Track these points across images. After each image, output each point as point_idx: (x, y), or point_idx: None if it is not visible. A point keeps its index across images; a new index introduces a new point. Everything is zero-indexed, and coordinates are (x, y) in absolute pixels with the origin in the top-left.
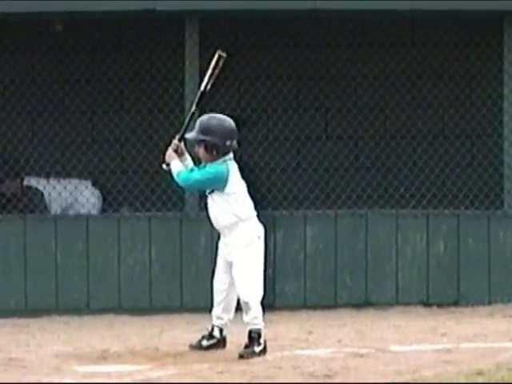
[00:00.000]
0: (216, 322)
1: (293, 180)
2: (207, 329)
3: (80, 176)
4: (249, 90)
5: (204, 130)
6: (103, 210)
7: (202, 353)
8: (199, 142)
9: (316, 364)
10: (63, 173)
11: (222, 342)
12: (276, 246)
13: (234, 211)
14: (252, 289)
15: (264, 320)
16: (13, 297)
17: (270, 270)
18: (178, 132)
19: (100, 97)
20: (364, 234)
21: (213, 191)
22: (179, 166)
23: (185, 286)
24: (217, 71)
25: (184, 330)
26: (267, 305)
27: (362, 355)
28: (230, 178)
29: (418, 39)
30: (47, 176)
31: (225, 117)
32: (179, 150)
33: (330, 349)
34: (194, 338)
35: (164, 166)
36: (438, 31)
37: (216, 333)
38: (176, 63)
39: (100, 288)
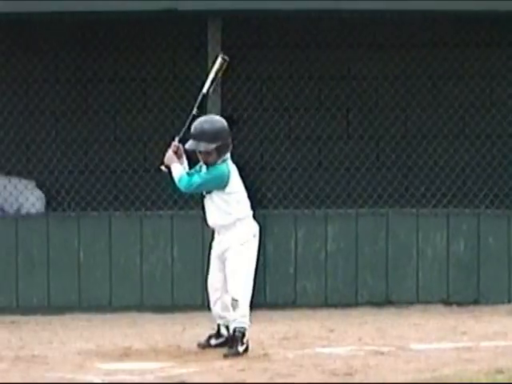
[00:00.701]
0: (220, 321)
1: (314, 179)
2: (213, 328)
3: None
4: (271, 90)
5: (214, 137)
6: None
7: (224, 350)
8: (213, 150)
9: (337, 362)
10: (86, 171)
11: (229, 340)
12: (297, 245)
13: (232, 211)
14: (243, 287)
15: (251, 320)
16: (36, 294)
17: (291, 269)
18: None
19: (123, 96)
20: (385, 232)
21: (211, 191)
22: (180, 171)
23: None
24: (219, 75)
25: (206, 328)
26: (289, 303)
27: (382, 353)
28: (231, 178)
29: (438, 39)
30: None
31: (218, 117)
32: (179, 152)
33: (351, 347)
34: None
35: (163, 168)
36: (458, 32)
37: (223, 331)
38: (198, 63)
39: (122, 286)
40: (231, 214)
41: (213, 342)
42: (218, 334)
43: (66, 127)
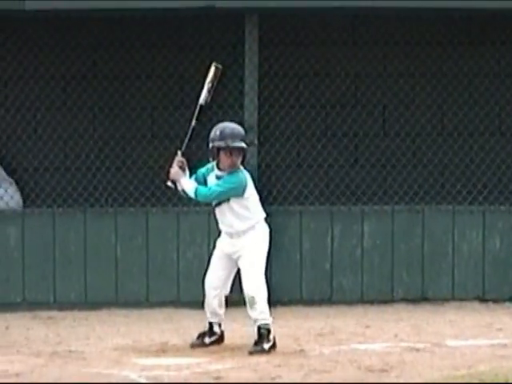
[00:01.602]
0: (214, 318)
1: (351, 176)
2: (205, 326)
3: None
4: (308, 87)
5: (243, 139)
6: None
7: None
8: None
9: (372, 358)
10: (124, 167)
11: (221, 336)
12: (333, 241)
13: (252, 215)
14: (258, 284)
15: (272, 316)
16: (73, 290)
17: (327, 265)
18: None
19: (160, 93)
20: (421, 229)
21: (229, 200)
22: (192, 183)
23: None
24: (215, 83)
25: (242, 324)
26: (325, 299)
27: (418, 350)
28: (248, 183)
29: (474, 38)
30: None
31: None
32: (184, 166)
33: (387, 343)
34: (253, 331)
35: (169, 184)
36: (495, 29)
37: (216, 328)
38: (236, 60)
39: (159, 282)
40: (251, 219)
41: (207, 340)
42: (211, 332)
43: (103, 124)
